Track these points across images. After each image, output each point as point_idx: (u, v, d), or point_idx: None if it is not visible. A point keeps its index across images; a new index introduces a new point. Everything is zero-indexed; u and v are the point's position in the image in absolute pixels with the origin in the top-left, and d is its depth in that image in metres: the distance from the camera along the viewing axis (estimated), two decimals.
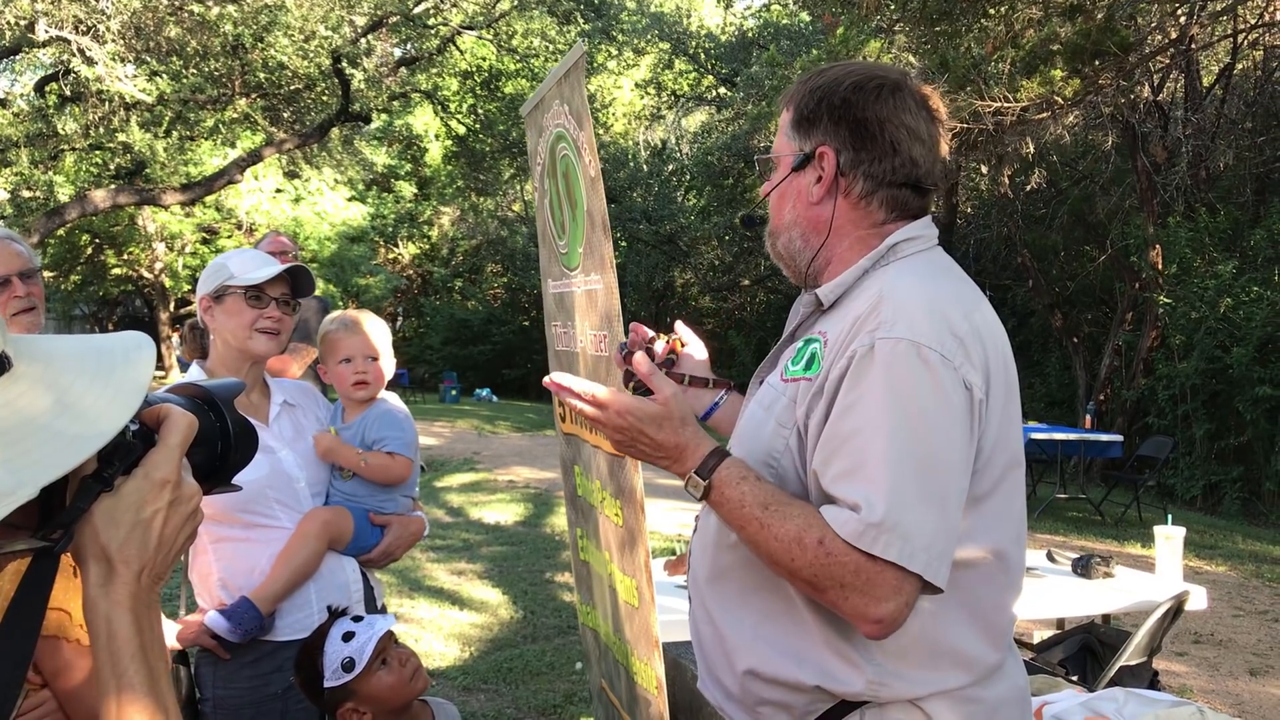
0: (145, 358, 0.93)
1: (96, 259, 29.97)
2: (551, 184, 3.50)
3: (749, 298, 25.97)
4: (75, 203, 15.74)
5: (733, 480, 1.53)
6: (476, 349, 29.92)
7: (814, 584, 1.45)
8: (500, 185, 24.00)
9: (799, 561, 1.44)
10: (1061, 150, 13.96)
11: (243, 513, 2.45)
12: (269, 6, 13.30)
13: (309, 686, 2.21)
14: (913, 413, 1.43)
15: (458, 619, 6.38)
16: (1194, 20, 11.39)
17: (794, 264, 1.74)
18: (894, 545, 1.39)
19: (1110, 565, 4.29)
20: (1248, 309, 11.67)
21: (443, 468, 13.15)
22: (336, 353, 2.68)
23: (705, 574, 1.72)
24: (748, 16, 26.44)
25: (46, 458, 0.79)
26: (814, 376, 1.55)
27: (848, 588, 1.42)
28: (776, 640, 1.60)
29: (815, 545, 1.43)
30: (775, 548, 1.47)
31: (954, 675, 1.56)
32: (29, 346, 0.86)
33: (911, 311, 1.48)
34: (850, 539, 1.40)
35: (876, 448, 1.42)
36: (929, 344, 1.45)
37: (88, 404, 0.85)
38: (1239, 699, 5.30)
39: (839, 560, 1.41)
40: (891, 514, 1.39)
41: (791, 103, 1.71)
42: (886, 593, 1.41)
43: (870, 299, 1.53)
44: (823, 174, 1.65)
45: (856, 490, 1.42)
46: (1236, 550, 9.12)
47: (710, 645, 1.72)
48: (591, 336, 3.20)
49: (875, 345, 1.46)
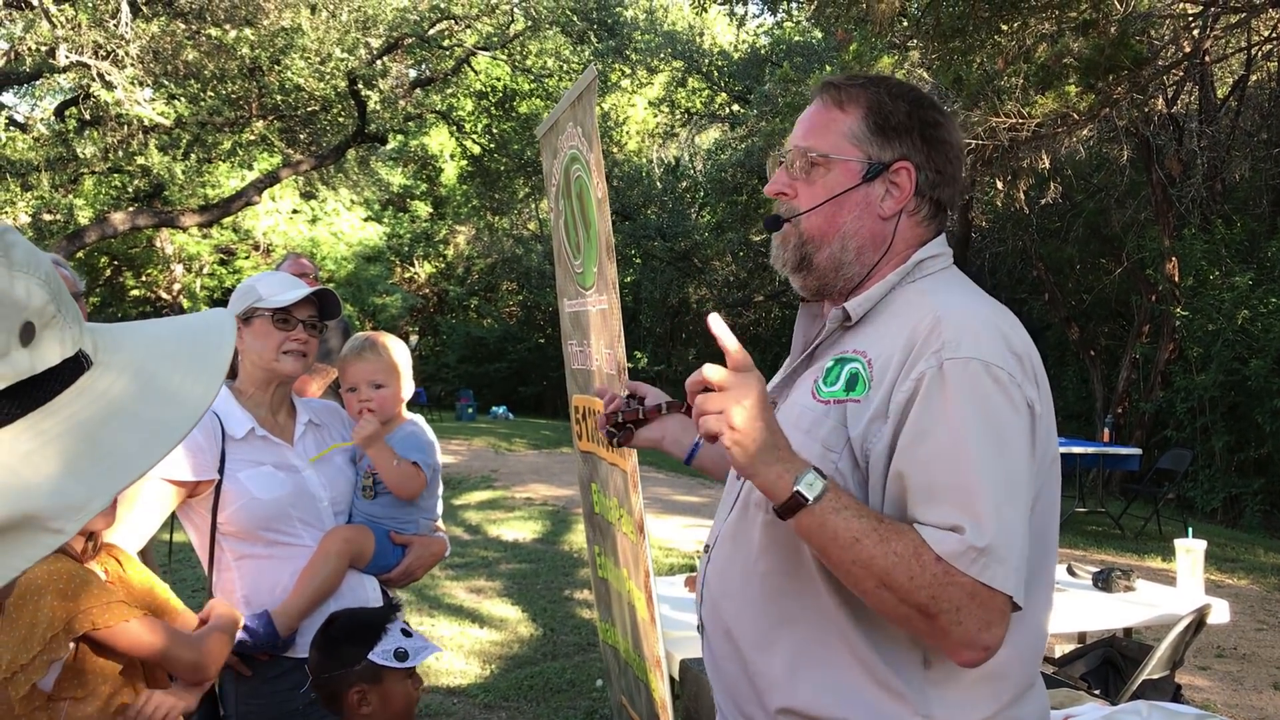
0: (227, 336, 0.93)
1: (115, 280, 30.19)
2: (566, 204, 3.54)
3: (764, 313, 25.98)
4: (95, 225, 15.88)
5: (843, 489, 1.45)
6: (492, 366, 30.00)
7: (927, 607, 1.36)
8: (515, 204, 24.08)
9: (918, 580, 1.36)
10: (1076, 164, 13.96)
11: (266, 531, 2.49)
12: (285, 30, 13.41)
13: (334, 644, 2.21)
14: (995, 432, 1.40)
15: (478, 636, 6.39)
16: (1207, 33, 11.39)
17: (831, 277, 1.63)
18: (998, 569, 1.35)
19: (1131, 579, 4.28)
20: (1265, 320, 11.61)
21: (460, 485, 13.17)
22: (344, 380, 2.71)
23: (734, 607, 1.62)
24: (760, 34, 26.52)
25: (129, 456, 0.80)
26: (861, 398, 1.49)
27: (963, 611, 1.35)
28: (816, 677, 1.52)
29: (934, 562, 1.36)
30: (893, 563, 1.36)
31: (995, 698, 1.51)
32: (112, 337, 0.87)
33: (974, 330, 1.45)
34: (953, 560, 1.35)
35: (969, 469, 1.38)
36: (997, 362, 1.42)
37: (174, 386, 0.85)
38: (1263, 713, 5.26)
39: (956, 580, 1.35)
40: (997, 537, 1.35)
41: (854, 104, 1.61)
42: (996, 617, 1.36)
43: (920, 318, 1.49)
44: (894, 189, 1.58)
45: (953, 514, 1.37)
46: (1259, 563, 9.05)
47: (736, 683, 1.63)
48: (606, 355, 3.23)
49: (944, 366, 1.42)
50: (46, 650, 1.93)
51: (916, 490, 1.41)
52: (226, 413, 2.53)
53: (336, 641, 2.21)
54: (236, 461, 2.49)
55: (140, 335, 0.89)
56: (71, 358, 0.80)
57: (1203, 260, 12.43)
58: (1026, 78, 10.47)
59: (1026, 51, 10.54)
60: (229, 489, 2.47)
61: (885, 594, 1.38)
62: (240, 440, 2.51)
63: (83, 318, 0.84)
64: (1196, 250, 12.45)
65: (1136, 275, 14.30)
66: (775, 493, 1.39)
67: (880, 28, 11.03)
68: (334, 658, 2.19)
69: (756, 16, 27.51)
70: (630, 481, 3.12)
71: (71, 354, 0.80)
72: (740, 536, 1.62)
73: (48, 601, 1.95)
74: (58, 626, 1.94)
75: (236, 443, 2.50)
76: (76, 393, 0.80)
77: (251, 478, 2.49)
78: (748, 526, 1.61)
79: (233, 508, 2.47)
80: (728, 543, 1.65)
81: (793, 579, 1.55)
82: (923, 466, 1.41)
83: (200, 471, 2.46)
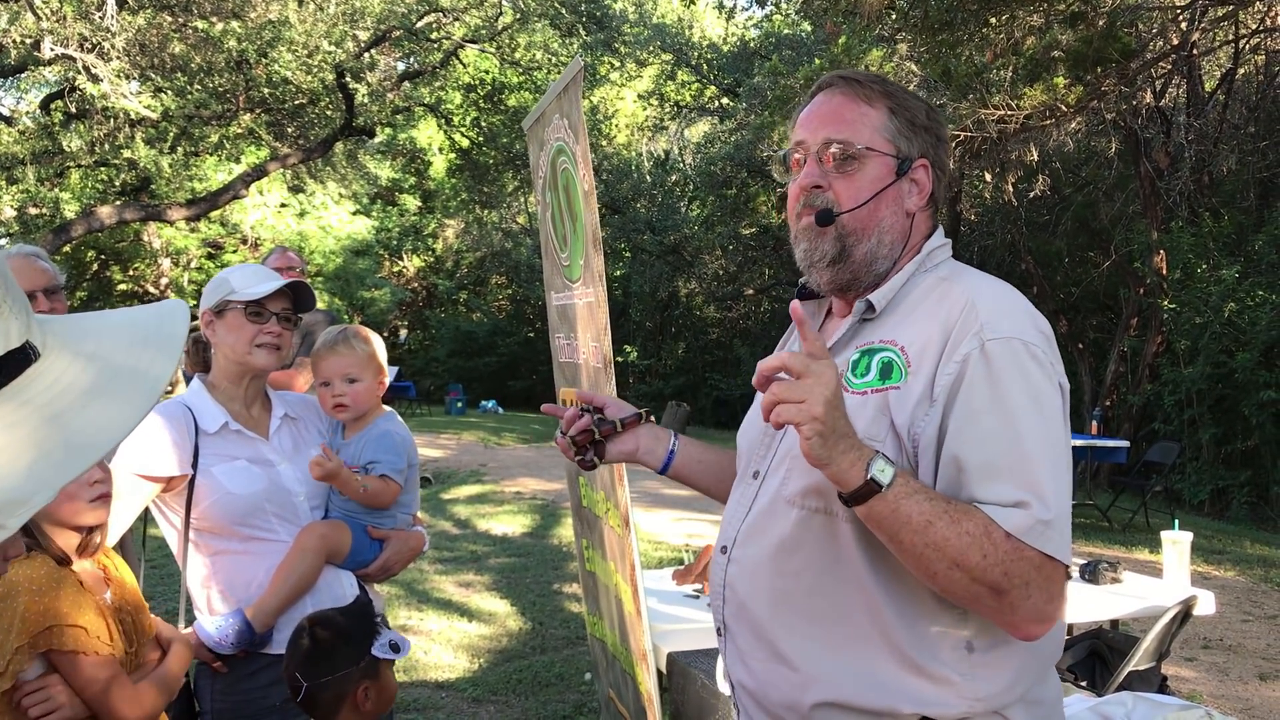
0: (180, 325, 0.92)
1: (102, 275, 30.05)
2: (553, 197, 3.52)
3: (753, 307, 25.98)
4: (81, 219, 15.80)
5: (909, 473, 1.46)
6: (482, 361, 29.96)
7: (999, 584, 1.38)
8: (504, 198, 24.05)
9: (991, 557, 1.37)
10: (1064, 157, 13.99)
11: (241, 526, 2.46)
12: (273, 22, 13.37)
13: (331, 647, 2.15)
14: (1044, 408, 1.45)
15: (466, 630, 6.38)
16: (1195, 26, 11.41)
17: (864, 270, 1.63)
18: (1060, 541, 1.40)
19: (1118, 571, 4.28)
20: (1252, 313, 11.65)
21: (449, 480, 13.15)
22: (317, 375, 2.67)
23: (766, 604, 1.60)
24: (749, 27, 26.52)
25: (78, 448, 0.79)
26: (901, 385, 1.51)
27: (1031, 585, 1.39)
28: (858, 668, 1.52)
29: (1004, 539, 1.38)
30: (966, 543, 1.37)
31: (1027, 679, 1.53)
32: (62, 328, 0.86)
33: (1008, 311, 1.51)
34: (1022, 535, 1.38)
35: (1026, 446, 1.42)
36: (1034, 341, 1.48)
37: (125, 376, 0.84)
38: (1249, 704, 5.28)
39: (1025, 555, 1.38)
40: (1058, 511, 1.40)
41: (880, 100, 1.63)
42: (1059, 590, 1.42)
43: (952, 303, 1.53)
44: (917, 185, 1.65)
45: (1017, 490, 1.40)
46: (1245, 555, 9.09)
47: (770, 682, 1.60)
48: (593, 348, 3.22)
49: (986, 345, 1.46)
50: (14, 662, 1.91)
51: (975, 470, 1.43)
52: (200, 407, 2.50)
53: (333, 643, 2.18)
54: (210, 456, 2.46)
55: (91, 326, 0.88)
56: (17, 349, 0.79)
57: (1190, 253, 12.46)
58: (1015, 70, 10.48)
59: (1015, 44, 10.55)
60: (203, 484, 2.44)
61: (957, 574, 1.39)
62: (214, 435, 2.48)
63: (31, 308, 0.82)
64: (1184, 243, 12.48)
65: (1124, 268, 14.33)
66: (847, 480, 1.38)
67: (869, 20, 11.03)
68: (334, 659, 2.16)
69: (745, 9, 27.52)
70: (616, 474, 3.11)
71: (17, 345, 0.79)
72: (768, 534, 1.61)
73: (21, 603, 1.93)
74: (24, 639, 1.92)
75: (210, 437, 2.47)
76: (23, 384, 0.78)
77: (226, 473, 2.45)
78: (776, 523, 1.60)
79: (206, 503, 2.44)
80: (752, 542, 1.63)
81: (827, 574, 1.54)
82: (979, 446, 1.43)
83: (174, 466, 2.43)
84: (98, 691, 2.00)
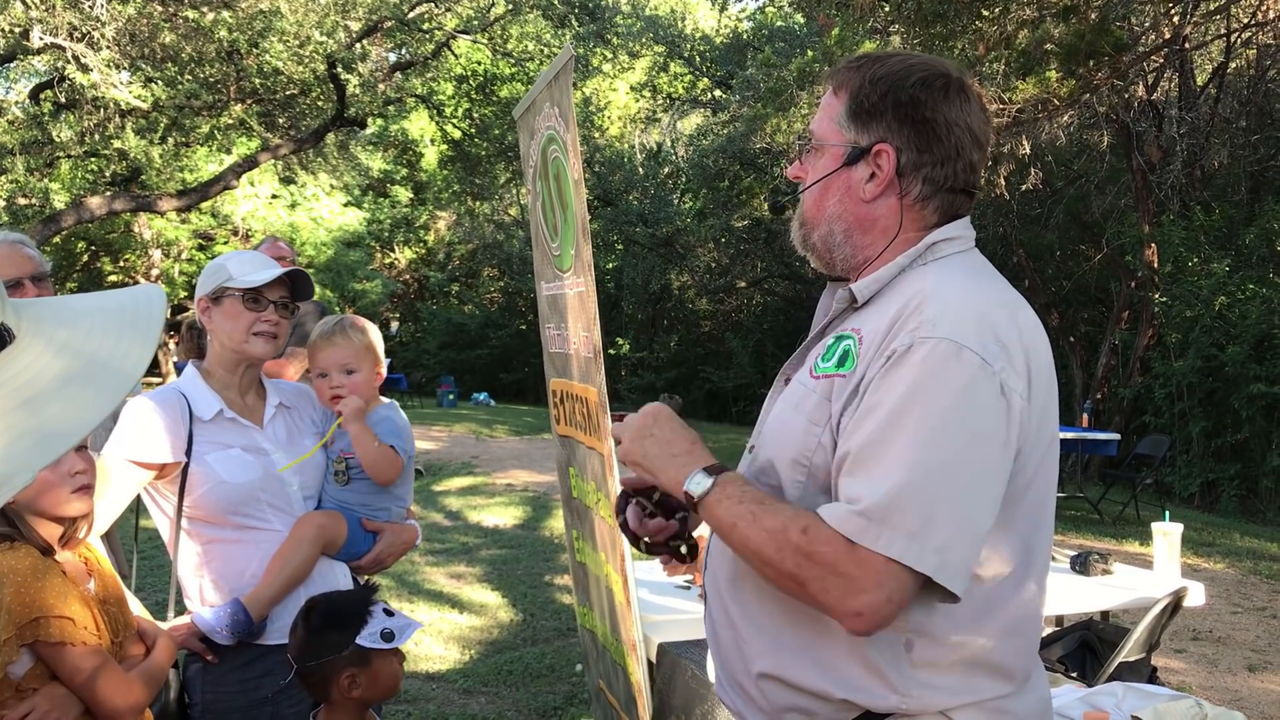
0: (157, 308, 0.91)
1: (93, 266, 29.93)
2: (544, 186, 3.51)
3: (746, 299, 25.98)
4: (71, 210, 15.72)
5: (735, 480, 1.51)
6: (474, 353, 29.93)
7: (796, 576, 1.40)
8: (496, 189, 24.00)
9: (784, 550, 1.40)
10: (1057, 150, 13.98)
11: (234, 515, 2.44)
12: (264, 12, 13.30)
13: (319, 632, 2.18)
14: (940, 414, 1.38)
15: (457, 622, 6.38)
16: (1187, 20, 11.42)
17: (828, 257, 1.65)
18: (893, 541, 1.34)
19: (1108, 562, 4.29)
20: (1243, 307, 11.68)
21: (441, 472, 13.14)
22: (314, 365, 2.64)
23: (725, 575, 1.66)
24: (742, 19, 26.46)
25: (56, 431, 0.78)
26: (848, 373, 1.50)
27: (828, 576, 1.37)
28: (799, 646, 1.54)
29: (799, 533, 1.39)
30: (762, 539, 1.42)
31: (986, 685, 1.51)
32: (38, 312, 0.85)
33: (957, 312, 1.44)
34: (836, 525, 1.37)
35: (895, 446, 1.38)
36: (971, 346, 1.40)
37: (104, 358, 0.83)
38: (1238, 694, 5.31)
39: (819, 549, 1.37)
40: (891, 508, 1.34)
41: (844, 89, 1.61)
42: (867, 584, 1.35)
43: (910, 298, 1.48)
44: (878, 172, 1.57)
45: (861, 485, 1.38)
46: (1234, 547, 9.12)
47: (728, 648, 1.66)
48: (583, 338, 3.20)
49: (914, 345, 1.41)
50: (1, 654, 1.89)
51: (846, 464, 1.43)
52: (194, 394, 2.48)
53: (321, 629, 2.18)
54: (204, 444, 2.43)
55: (67, 310, 0.87)
56: None
57: (1181, 247, 12.48)
58: (1007, 63, 10.48)
59: (1007, 37, 10.54)
60: (196, 472, 2.41)
61: (767, 570, 1.45)
62: (208, 422, 2.46)
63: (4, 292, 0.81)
64: (1175, 237, 12.50)
65: (1116, 262, 14.35)
66: (674, 493, 1.55)
67: (862, 13, 11.02)
68: (321, 645, 2.17)
69: (739, 1, 27.45)
70: (607, 464, 3.10)
71: None
72: None
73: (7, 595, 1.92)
74: (10, 630, 1.91)
75: (204, 424, 2.45)
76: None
77: (219, 460, 2.43)
78: None
79: (200, 491, 2.42)
80: None
81: None
82: (859, 439, 1.42)
83: (168, 453, 2.41)
84: (86, 681, 1.99)
